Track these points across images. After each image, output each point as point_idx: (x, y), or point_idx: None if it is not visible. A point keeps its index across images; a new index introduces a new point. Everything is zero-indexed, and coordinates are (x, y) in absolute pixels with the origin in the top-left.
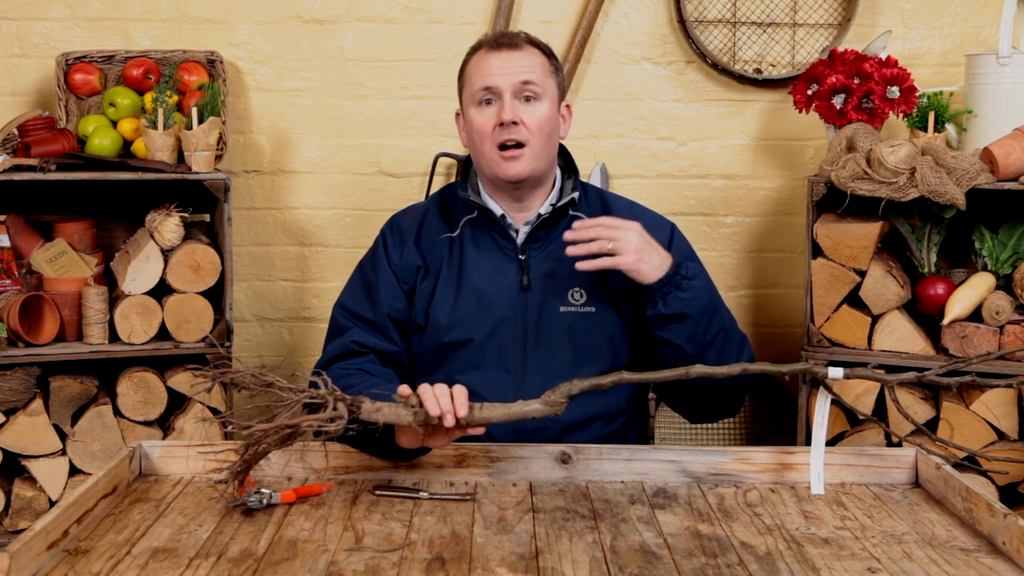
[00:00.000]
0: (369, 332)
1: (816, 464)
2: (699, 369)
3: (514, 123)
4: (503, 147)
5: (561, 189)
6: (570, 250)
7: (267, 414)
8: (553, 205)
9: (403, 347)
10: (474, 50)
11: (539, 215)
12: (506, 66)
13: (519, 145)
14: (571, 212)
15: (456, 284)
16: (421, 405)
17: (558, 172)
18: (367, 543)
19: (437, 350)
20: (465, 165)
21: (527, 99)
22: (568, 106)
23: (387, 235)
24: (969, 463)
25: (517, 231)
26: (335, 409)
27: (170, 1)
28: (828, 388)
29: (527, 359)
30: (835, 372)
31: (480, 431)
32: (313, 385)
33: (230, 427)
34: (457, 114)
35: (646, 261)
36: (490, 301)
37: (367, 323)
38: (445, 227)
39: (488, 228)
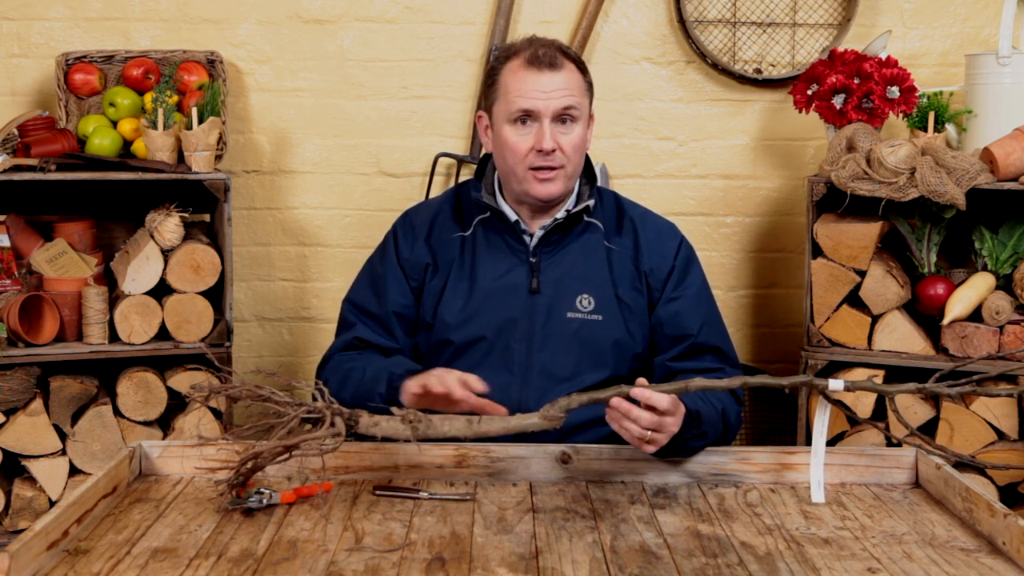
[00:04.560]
0: (372, 328)
1: (816, 472)
2: (699, 382)
3: (552, 150)
4: (536, 167)
5: (579, 194)
6: (608, 418)
7: (266, 419)
8: (568, 211)
9: (405, 344)
10: (507, 57)
11: (555, 220)
12: (547, 90)
13: (559, 167)
14: (586, 218)
15: (466, 284)
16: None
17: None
18: (367, 543)
19: (443, 349)
20: (480, 164)
21: (563, 121)
22: (592, 115)
23: (399, 230)
24: (970, 459)
25: (531, 235)
26: (332, 424)
27: (170, 1)
28: (828, 398)
29: (531, 361)
30: (835, 384)
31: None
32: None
33: (229, 438)
34: (479, 115)
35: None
36: (499, 302)
37: (372, 318)
38: (458, 226)
39: (500, 230)
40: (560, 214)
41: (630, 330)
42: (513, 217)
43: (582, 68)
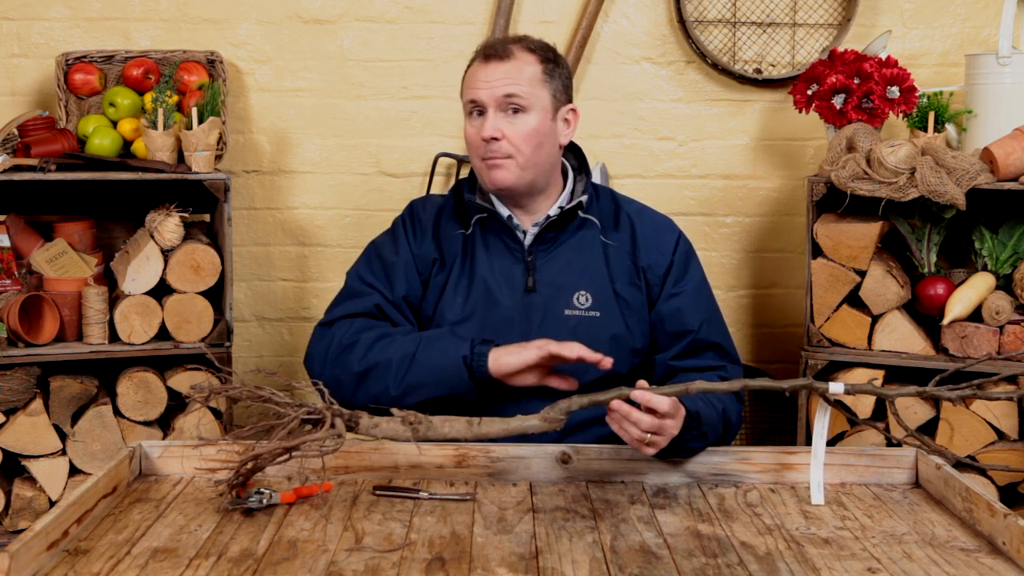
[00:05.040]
0: (387, 306)
1: (816, 474)
2: (699, 385)
3: (495, 138)
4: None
5: (573, 191)
6: (608, 420)
7: (266, 420)
8: (561, 208)
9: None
10: (473, 58)
11: (547, 217)
12: (490, 79)
13: (505, 156)
14: (581, 214)
15: (466, 282)
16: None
17: (571, 173)
18: (367, 543)
19: None
20: None
21: (514, 111)
22: (574, 109)
23: (407, 221)
24: (970, 459)
25: (525, 232)
26: (333, 425)
27: (170, 1)
28: (828, 400)
29: None
30: (836, 387)
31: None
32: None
33: (229, 439)
34: None
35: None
36: (496, 301)
37: (383, 299)
38: (459, 224)
39: (498, 229)
40: (553, 211)
41: (628, 325)
42: (506, 213)
43: (545, 59)
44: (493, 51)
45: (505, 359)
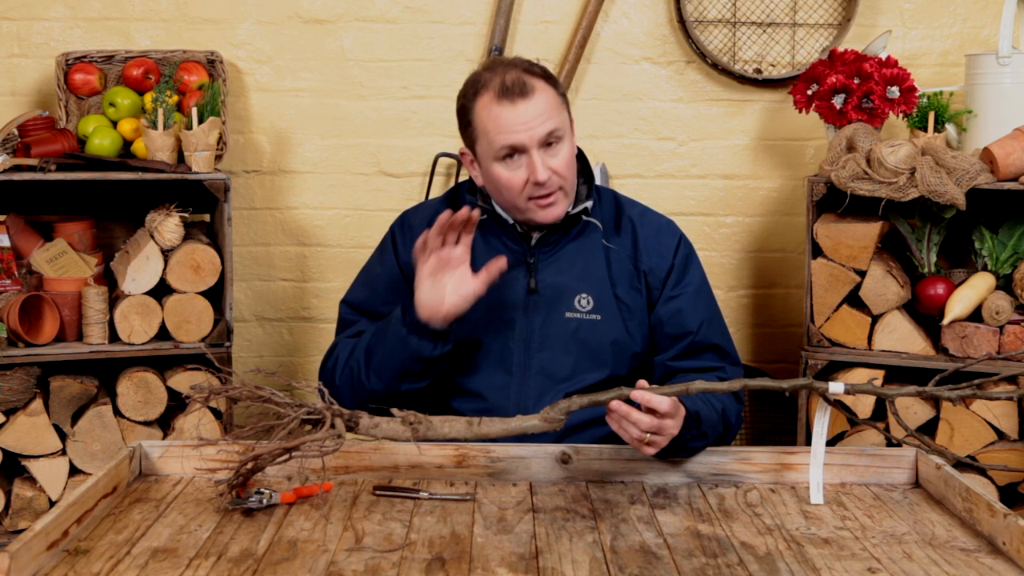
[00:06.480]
0: (374, 325)
1: (816, 474)
2: (699, 385)
3: (547, 179)
4: (536, 196)
5: (576, 195)
6: (608, 419)
7: (266, 420)
8: (567, 212)
9: None
10: (475, 93)
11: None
12: (526, 120)
13: (558, 189)
14: (584, 218)
15: None
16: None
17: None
18: (367, 543)
19: None
20: None
21: (550, 143)
22: (571, 119)
23: (397, 232)
24: (970, 459)
25: (529, 236)
26: (333, 426)
27: (170, 1)
28: (828, 400)
29: (529, 362)
30: (836, 387)
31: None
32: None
33: (230, 438)
34: (463, 152)
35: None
36: (497, 303)
37: (373, 317)
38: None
39: (497, 230)
40: None
41: (629, 330)
42: (510, 220)
43: (552, 82)
44: (513, 90)
45: (451, 299)
